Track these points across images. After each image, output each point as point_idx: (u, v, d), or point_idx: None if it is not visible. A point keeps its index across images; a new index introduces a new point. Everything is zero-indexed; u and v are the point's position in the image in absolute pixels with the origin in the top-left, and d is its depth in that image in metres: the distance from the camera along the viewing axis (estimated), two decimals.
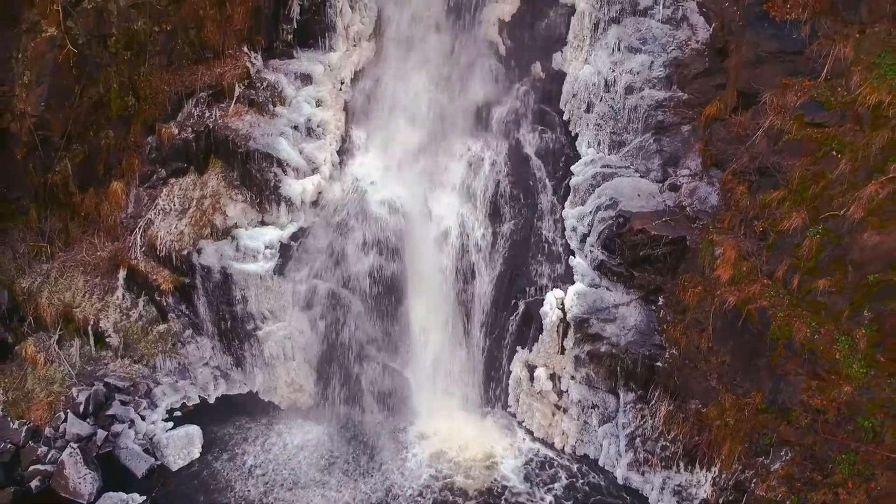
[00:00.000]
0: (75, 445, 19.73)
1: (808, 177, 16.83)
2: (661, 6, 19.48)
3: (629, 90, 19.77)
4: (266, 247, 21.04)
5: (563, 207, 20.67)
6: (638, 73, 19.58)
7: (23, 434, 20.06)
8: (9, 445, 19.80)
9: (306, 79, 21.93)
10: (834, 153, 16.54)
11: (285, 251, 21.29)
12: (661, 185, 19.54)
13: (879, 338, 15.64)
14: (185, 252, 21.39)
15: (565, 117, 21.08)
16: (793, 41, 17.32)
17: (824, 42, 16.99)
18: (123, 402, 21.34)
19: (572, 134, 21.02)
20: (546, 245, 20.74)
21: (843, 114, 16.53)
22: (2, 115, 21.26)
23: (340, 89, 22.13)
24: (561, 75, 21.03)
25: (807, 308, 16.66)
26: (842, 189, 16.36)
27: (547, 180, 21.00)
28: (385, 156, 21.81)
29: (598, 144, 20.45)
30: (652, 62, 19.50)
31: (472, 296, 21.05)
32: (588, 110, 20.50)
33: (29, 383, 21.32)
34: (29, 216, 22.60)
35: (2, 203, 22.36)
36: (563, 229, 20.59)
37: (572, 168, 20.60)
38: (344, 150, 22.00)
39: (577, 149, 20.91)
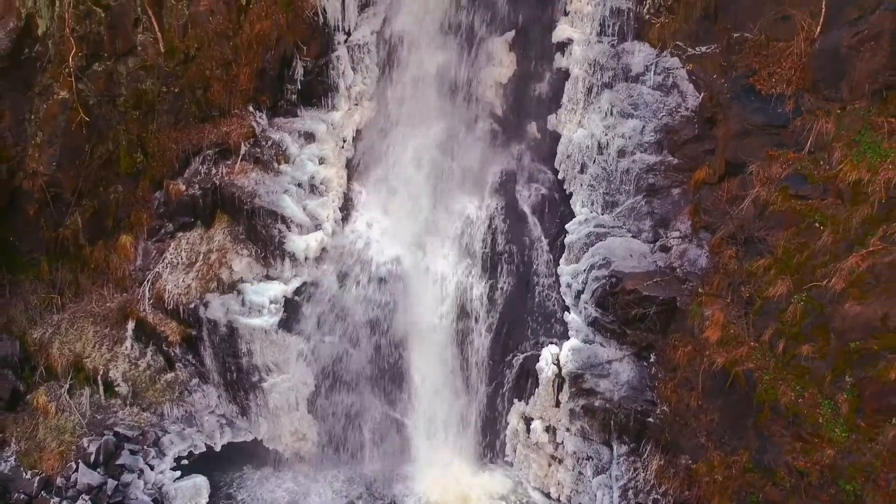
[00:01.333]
0: (87, 497, 20.42)
1: (792, 247, 17.54)
2: (653, 73, 20.21)
3: (621, 153, 20.51)
4: (271, 302, 21.73)
5: (559, 264, 21.38)
6: (630, 138, 20.33)
7: (35, 484, 20.75)
8: (22, 496, 20.49)
9: (309, 137, 22.64)
10: (817, 225, 17.26)
11: (289, 305, 21.98)
12: (652, 245, 20.27)
13: (860, 403, 16.34)
14: (192, 305, 22.07)
15: (560, 176, 21.81)
16: (778, 115, 18.06)
17: (807, 117, 17.73)
18: (133, 452, 22.02)
19: (567, 192, 21.74)
20: (542, 300, 21.47)
21: (825, 187, 17.25)
22: (15, 173, 22.01)
23: (342, 147, 22.85)
24: (556, 136, 21.77)
25: (791, 372, 17.36)
26: (824, 260, 17.08)
27: (542, 237, 21.73)
28: (385, 212, 22.55)
29: (592, 204, 21.17)
30: (643, 127, 20.24)
31: (470, 348, 21.76)
32: (582, 171, 21.24)
33: (41, 433, 21.99)
34: (40, 268, 23.36)
35: (14, 256, 23.10)
36: (559, 285, 21.31)
37: (567, 226, 21.32)
38: (346, 207, 22.72)
39: (572, 207, 21.64)
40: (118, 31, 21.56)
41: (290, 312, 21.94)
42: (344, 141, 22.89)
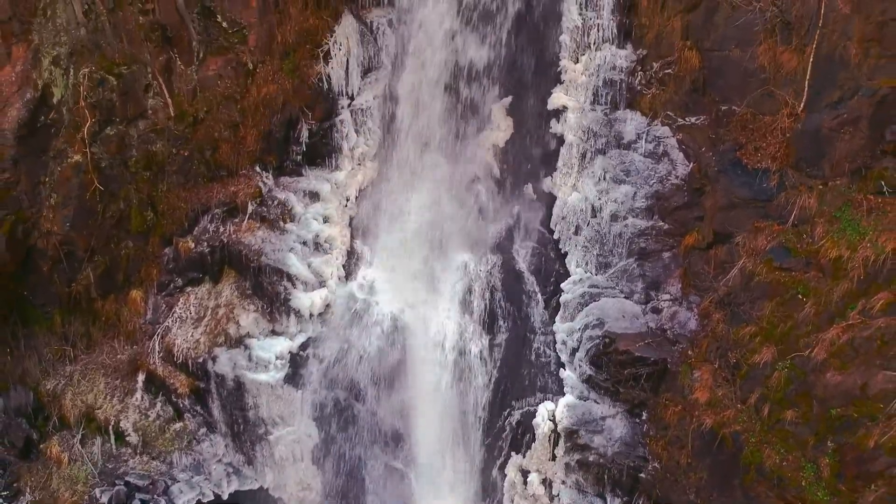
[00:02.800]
0: None
1: (777, 316, 18.42)
2: (644, 141, 21.06)
3: (614, 218, 21.34)
4: (277, 357, 22.56)
5: (554, 321, 22.21)
6: (622, 203, 21.17)
7: None
8: None
9: (314, 196, 23.46)
10: (800, 297, 18.14)
11: (295, 360, 22.82)
12: (644, 306, 21.11)
13: (841, 468, 17.21)
14: (200, 359, 22.89)
15: (555, 236, 22.64)
16: (763, 190, 18.93)
17: (791, 192, 18.59)
18: (143, 501, 22.83)
19: (562, 252, 22.56)
20: (538, 356, 22.31)
21: (808, 261, 18.13)
22: (30, 233, 22.78)
23: (346, 206, 23.68)
24: (551, 197, 22.61)
25: (776, 435, 18.24)
26: (807, 330, 17.96)
27: (539, 295, 22.57)
28: (387, 269, 23.41)
29: (586, 264, 22.01)
30: (635, 193, 21.08)
31: (469, 402, 22.59)
32: (576, 233, 22.08)
33: (54, 483, 22.82)
34: (53, 321, 24.12)
35: (28, 309, 23.86)
36: (554, 342, 22.14)
37: (562, 285, 22.16)
38: (349, 264, 23.55)
39: (567, 266, 22.47)
40: (130, 97, 22.34)
41: (295, 367, 22.76)
42: (347, 200, 23.72)
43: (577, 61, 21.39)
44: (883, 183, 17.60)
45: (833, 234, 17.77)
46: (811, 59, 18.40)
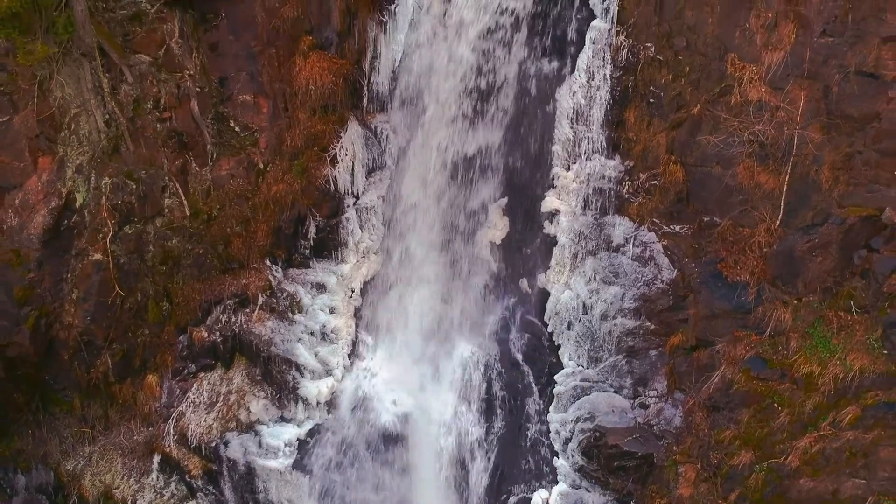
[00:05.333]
0: None
1: (755, 422, 19.80)
2: (632, 245, 22.38)
3: (604, 317, 22.66)
4: (285, 445, 23.87)
5: (548, 411, 23.51)
6: (611, 304, 22.49)
7: None
8: None
9: (321, 288, 24.77)
10: (776, 406, 19.51)
11: (302, 446, 24.12)
12: (632, 401, 22.43)
13: None
14: (213, 444, 24.20)
15: (549, 329, 23.94)
16: (742, 303, 20.29)
17: (768, 306, 19.95)
18: None
19: (556, 344, 23.86)
20: (533, 445, 23.61)
21: (783, 373, 19.49)
22: (52, 325, 24.06)
23: (351, 297, 25.00)
24: (545, 292, 23.90)
25: None
26: (782, 437, 19.34)
27: (533, 385, 23.89)
28: (390, 358, 24.76)
29: (578, 357, 23.31)
30: (624, 294, 22.39)
31: (468, 487, 23.85)
32: (569, 328, 23.39)
33: None
34: (73, 404, 25.38)
35: (49, 393, 25.14)
36: (549, 431, 23.43)
37: (556, 377, 23.45)
38: (354, 353, 24.88)
39: (560, 357, 23.77)
40: (147, 199, 23.66)
41: (303, 453, 24.05)
42: (352, 291, 25.03)
43: (568, 169, 22.71)
44: (852, 303, 19.00)
45: (806, 349, 19.14)
46: (786, 181, 19.75)
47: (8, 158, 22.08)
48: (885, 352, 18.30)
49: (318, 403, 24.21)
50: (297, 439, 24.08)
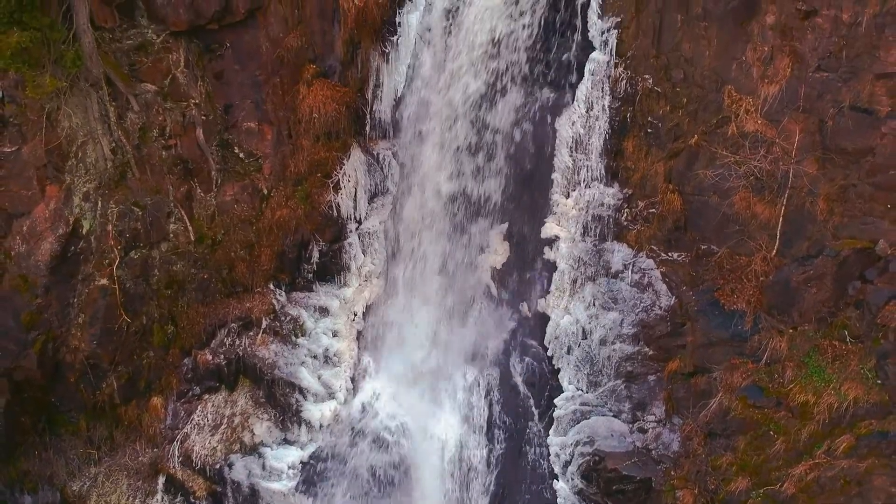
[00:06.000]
0: None
1: (751, 449, 20.15)
2: (630, 271, 22.72)
3: (603, 342, 22.99)
4: (289, 467, 24.21)
5: (548, 434, 23.84)
6: (610, 329, 22.82)
7: None
8: None
9: (324, 311, 25.12)
10: (771, 433, 19.85)
11: (305, 468, 24.44)
12: (631, 426, 22.76)
13: None
14: (217, 466, 24.55)
15: (549, 353, 24.28)
16: (739, 331, 20.63)
17: (764, 335, 20.30)
18: None
19: (556, 367, 24.20)
20: (533, 467, 23.94)
21: (778, 401, 19.83)
22: (59, 349, 24.39)
23: (354, 320, 25.34)
24: (545, 317, 24.23)
25: None
26: (778, 464, 19.68)
27: (533, 408, 24.23)
28: (392, 381, 25.09)
29: (578, 381, 23.64)
30: (622, 320, 22.73)
31: None
32: (569, 352, 23.72)
33: None
34: (79, 426, 25.69)
35: (55, 415, 25.45)
36: (548, 454, 23.76)
37: (556, 401, 23.78)
38: (356, 376, 25.21)
39: (560, 381, 24.10)
40: (153, 224, 24.01)
41: (306, 475, 24.37)
42: (355, 315, 25.39)
43: (568, 196, 23.05)
44: (846, 332, 19.33)
45: (801, 378, 19.49)
46: (782, 212, 20.08)
47: (16, 187, 22.43)
48: (879, 382, 18.63)
49: (321, 426, 24.56)
50: (301, 462, 24.39)
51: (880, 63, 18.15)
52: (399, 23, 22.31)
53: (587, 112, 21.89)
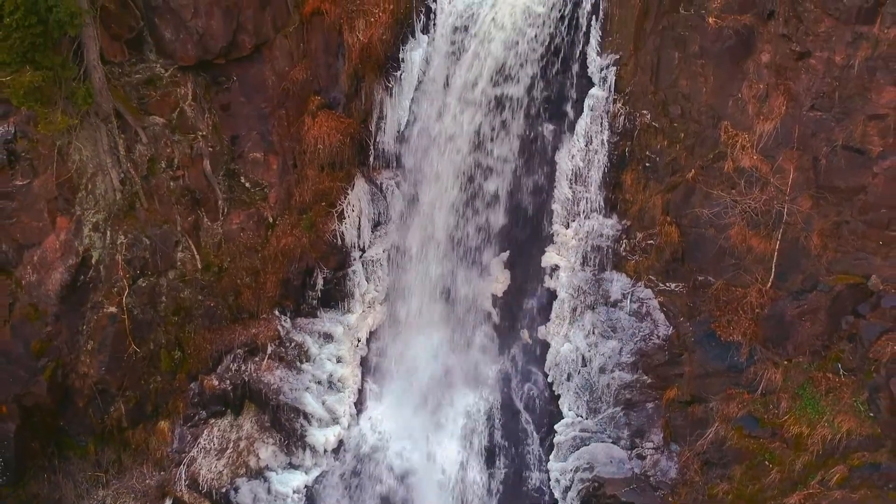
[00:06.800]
0: None
1: (746, 479, 20.60)
2: (629, 301, 23.19)
3: (602, 370, 23.46)
4: (294, 492, 24.63)
5: (549, 460, 24.29)
6: (609, 357, 23.28)
7: None
8: None
9: (328, 337, 25.58)
10: (767, 463, 20.31)
11: (310, 492, 24.86)
12: (629, 452, 23.23)
13: None
14: (223, 489, 24.94)
15: (549, 379, 24.75)
16: (735, 363, 21.12)
17: (759, 366, 20.78)
18: None
19: (556, 394, 24.66)
20: (533, 492, 24.36)
21: (773, 431, 20.31)
22: (68, 375, 24.81)
23: (357, 346, 25.79)
24: (546, 344, 24.71)
25: None
26: (773, 493, 20.14)
27: (534, 433, 24.70)
28: (395, 406, 25.54)
29: (578, 408, 24.11)
30: (621, 348, 23.19)
31: None
32: (568, 379, 24.19)
33: None
34: (87, 449, 26.08)
35: (64, 439, 25.86)
36: (549, 479, 24.21)
37: (556, 427, 24.25)
38: (360, 402, 25.66)
39: (560, 407, 24.57)
40: (161, 253, 24.44)
41: (310, 499, 24.80)
42: (359, 341, 25.85)
43: (567, 226, 23.54)
44: (840, 365, 19.81)
45: (796, 410, 19.98)
46: (777, 246, 20.56)
47: (28, 219, 22.85)
48: (871, 415, 19.09)
49: (325, 451, 24.99)
50: (305, 486, 24.80)
51: (872, 105, 18.64)
52: (402, 59, 22.76)
53: (586, 146, 22.39)
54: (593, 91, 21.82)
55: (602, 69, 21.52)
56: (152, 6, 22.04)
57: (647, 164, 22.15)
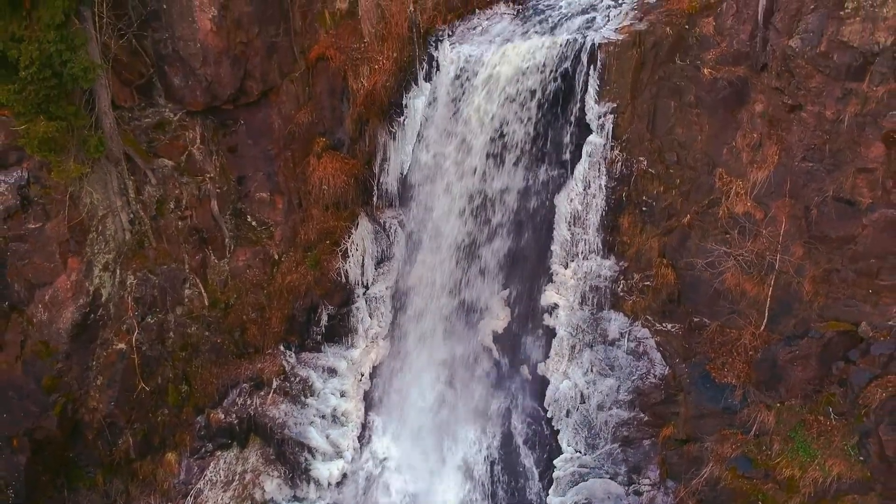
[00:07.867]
0: None
1: None
2: (626, 340, 23.73)
3: (600, 407, 23.99)
4: None
5: (548, 494, 24.82)
6: (607, 395, 23.81)
7: None
8: None
9: (332, 372, 26.14)
10: None
11: None
12: (627, 488, 23.75)
13: None
14: None
15: (549, 415, 25.27)
16: (729, 405, 21.64)
17: (753, 409, 21.31)
18: None
19: (555, 429, 25.17)
20: None
21: (766, 473, 20.84)
22: (77, 409, 25.37)
23: (360, 380, 26.34)
24: (545, 380, 25.24)
25: None
26: None
27: (534, 468, 25.22)
28: (398, 440, 26.08)
29: (576, 444, 24.61)
30: (619, 386, 23.72)
31: None
32: (567, 415, 24.71)
33: None
34: (96, 480, 26.61)
35: (74, 470, 26.39)
36: None
37: (555, 462, 24.76)
38: (363, 435, 26.20)
39: (559, 442, 25.09)
40: (169, 291, 25.04)
41: None
42: (362, 375, 26.40)
43: (566, 266, 24.07)
44: (831, 409, 20.33)
45: (788, 452, 20.51)
46: (770, 292, 21.09)
47: (40, 260, 23.44)
48: (861, 459, 19.61)
49: (329, 484, 25.52)
50: None
51: (861, 158, 19.18)
52: (406, 105, 23.34)
53: (585, 190, 22.93)
54: (591, 138, 22.36)
55: (600, 117, 22.06)
56: (162, 54, 22.67)
57: (644, 209, 22.69)
